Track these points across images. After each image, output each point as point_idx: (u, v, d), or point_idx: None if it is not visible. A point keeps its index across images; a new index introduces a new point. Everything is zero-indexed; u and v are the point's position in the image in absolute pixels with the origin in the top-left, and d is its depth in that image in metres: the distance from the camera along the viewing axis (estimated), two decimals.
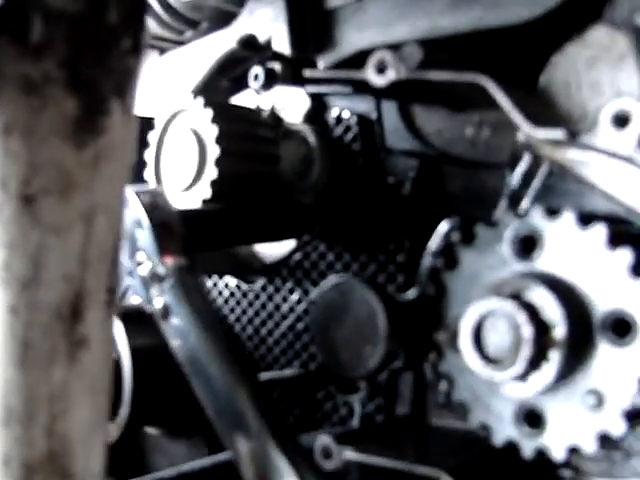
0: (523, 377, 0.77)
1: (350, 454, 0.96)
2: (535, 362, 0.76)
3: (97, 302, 0.69)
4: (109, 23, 0.66)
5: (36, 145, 0.63)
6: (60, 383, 0.67)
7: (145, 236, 1.01)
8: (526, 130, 0.83)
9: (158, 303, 1.01)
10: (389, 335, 0.85)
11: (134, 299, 1.21)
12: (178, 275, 1.01)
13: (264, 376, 1.18)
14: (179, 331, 1.01)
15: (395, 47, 1.00)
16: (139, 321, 1.19)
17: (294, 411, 1.22)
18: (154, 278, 1.00)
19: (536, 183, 0.92)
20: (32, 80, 0.62)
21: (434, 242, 0.89)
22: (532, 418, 0.81)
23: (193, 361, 1.01)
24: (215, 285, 1.34)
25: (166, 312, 1.01)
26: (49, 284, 0.65)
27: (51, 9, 0.62)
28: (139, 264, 1.01)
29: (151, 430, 1.40)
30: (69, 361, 0.67)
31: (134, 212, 1.01)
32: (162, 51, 1.39)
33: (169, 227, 1.03)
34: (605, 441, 0.77)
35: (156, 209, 1.03)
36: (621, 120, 0.79)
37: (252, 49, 1.23)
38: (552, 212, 0.81)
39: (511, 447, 0.83)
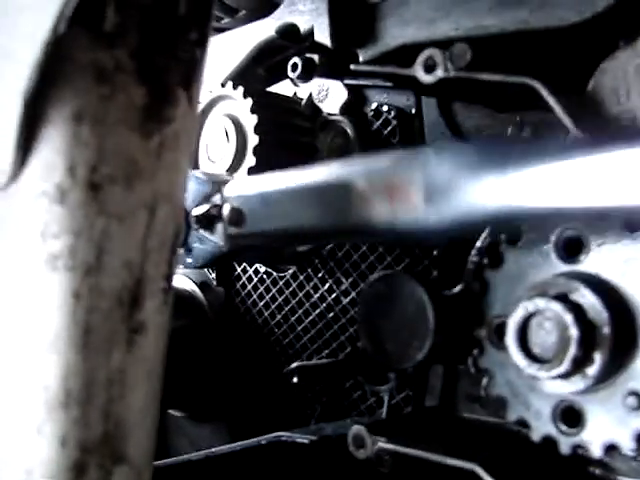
0: (567, 376, 0.79)
1: (383, 444, 0.97)
2: (580, 362, 0.77)
3: (155, 289, 0.70)
4: (179, 14, 0.67)
5: (105, 133, 0.64)
6: (118, 368, 0.68)
7: (191, 189, 1.02)
8: (576, 134, 0.84)
9: (226, 211, 1.00)
10: (436, 329, 0.86)
11: None
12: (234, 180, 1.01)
13: (292, 364, 1.20)
14: (258, 214, 0.98)
15: (438, 44, 1.01)
16: None
17: (322, 399, 1.24)
18: (213, 210, 1.00)
19: None
20: (104, 68, 0.63)
21: (480, 240, 0.90)
22: (571, 416, 0.83)
23: (283, 214, 0.96)
24: (245, 271, 1.35)
25: (238, 215, 0.99)
26: (111, 271, 0.66)
27: None
28: (194, 217, 1.01)
29: (175, 412, 1.42)
30: (127, 346, 0.68)
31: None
32: None
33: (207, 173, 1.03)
34: None
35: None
36: None
37: (292, 39, 1.23)
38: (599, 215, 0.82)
39: (549, 443, 0.84)
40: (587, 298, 0.78)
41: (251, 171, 1.11)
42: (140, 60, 0.65)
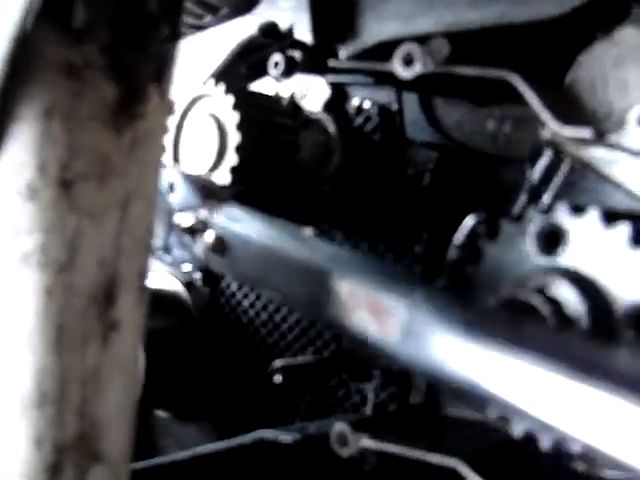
0: None
1: (366, 442, 0.97)
2: None
3: (130, 287, 0.69)
4: (149, 10, 0.66)
5: (75, 129, 0.64)
6: (92, 366, 0.67)
7: (180, 192, 1.00)
8: (553, 128, 0.84)
9: (208, 239, 0.97)
10: None
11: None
12: (227, 206, 0.98)
13: (277, 363, 1.19)
14: (239, 251, 0.95)
15: (418, 40, 1.01)
16: (151, 304, 1.21)
17: (307, 397, 1.23)
18: (198, 225, 0.98)
19: (557, 179, 0.93)
20: (73, 65, 0.63)
21: (458, 235, 0.90)
22: None
23: (263, 265, 0.94)
24: None
25: (221, 244, 0.96)
26: (84, 268, 0.66)
27: None
28: (178, 224, 0.99)
29: (160, 413, 1.42)
30: (101, 345, 0.68)
31: (163, 181, 1.00)
32: (182, 36, 1.39)
33: (201, 178, 1.02)
34: None
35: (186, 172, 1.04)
36: None
37: (273, 36, 1.23)
38: (577, 209, 0.82)
39: (529, 438, 0.84)
40: (565, 292, 0.78)
41: (234, 170, 1.10)
42: (110, 56, 0.64)
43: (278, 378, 1.14)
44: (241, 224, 0.95)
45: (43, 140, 0.63)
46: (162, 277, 1.39)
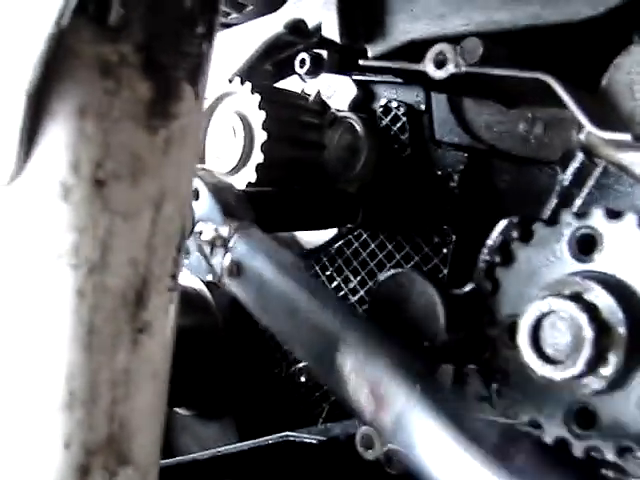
0: (581, 377, 0.77)
1: (392, 445, 0.96)
2: (594, 363, 0.76)
3: (161, 288, 0.69)
4: (185, 8, 0.65)
5: (109, 128, 0.63)
6: (122, 368, 0.67)
7: (204, 203, 1.00)
8: (590, 130, 0.83)
9: (225, 262, 0.98)
10: (446, 328, 0.85)
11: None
12: (246, 229, 0.98)
13: (301, 363, 1.18)
14: (253, 282, 0.96)
15: (449, 40, 1.00)
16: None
17: (330, 398, 1.23)
18: (218, 241, 0.98)
19: (591, 182, 0.91)
20: (108, 62, 0.62)
21: (491, 238, 0.89)
22: (585, 417, 0.81)
23: (273, 304, 0.95)
24: None
25: (236, 269, 0.97)
26: (116, 269, 0.65)
27: None
28: (199, 233, 0.99)
29: (181, 411, 1.41)
30: (132, 346, 0.67)
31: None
32: None
33: (227, 191, 1.02)
34: None
35: (209, 178, 1.03)
36: None
37: (299, 34, 1.22)
38: (613, 214, 0.81)
39: (562, 445, 0.83)
40: (601, 298, 0.77)
41: (259, 168, 1.10)
42: (145, 54, 0.63)
43: (301, 378, 1.13)
44: (258, 257, 0.96)
45: (77, 139, 0.62)
46: (184, 276, 1.38)
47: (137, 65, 0.63)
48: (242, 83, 1.13)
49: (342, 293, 1.21)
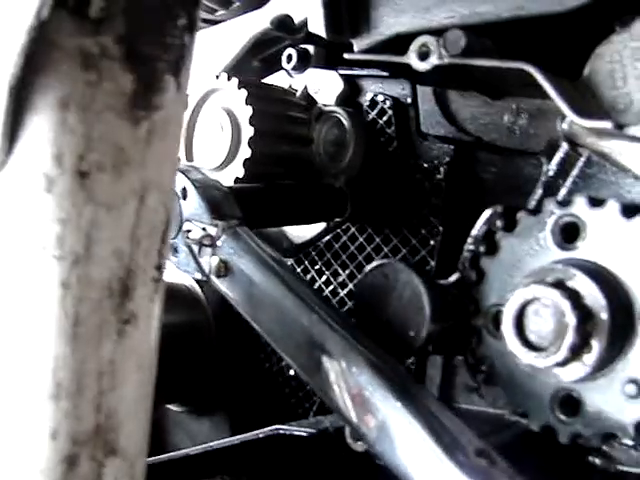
0: (564, 364, 0.78)
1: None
2: (578, 349, 0.76)
3: (146, 279, 0.69)
4: (166, 0, 0.66)
5: (91, 120, 0.63)
6: (108, 359, 0.67)
7: (192, 202, 1.00)
8: (572, 119, 0.83)
9: (213, 262, 0.99)
10: (432, 318, 0.86)
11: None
12: (234, 229, 0.99)
13: None
14: (241, 282, 0.97)
15: (434, 32, 1.00)
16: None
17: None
18: (206, 240, 0.98)
19: (575, 172, 0.92)
20: (90, 54, 0.62)
21: (476, 228, 0.89)
22: (570, 404, 0.82)
23: (260, 305, 0.96)
24: None
25: (223, 269, 0.98)
26: (101, 260, 0.65)
27: None
28: (187, 232, 0.99)
29: (173, 407, 1.41)
30: (118, 337, 0.67)
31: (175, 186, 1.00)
32: None
33: (214, 190, 1.02)
34: None
35: (197, 176, 1.03)
36: None
37: (286, 30, 1.22)
38: (596, 202, 0.82)
39: (548, 432, 0.84)
40: (584, 285, 0.77)
41: (247, 163, 1.10)
42: (127, 46, 0.64)
43: (291, 372, 1.14)
44: (246, 257, 0.96)
45: (59, 131, 0.63)
46: (175, 272, 1.39)
47: (118, 57, 0.63)
48: (229, 79, 1.14)
49: (331, 287, 1.22)
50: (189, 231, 1.00)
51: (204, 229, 0.98)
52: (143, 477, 0.73)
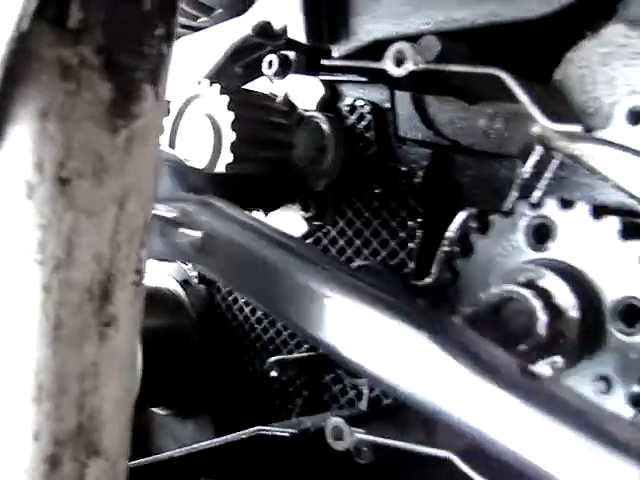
0: (536, 361, 0.80)
1: (361, 435, 0.98)
2: (548, 346, 0.78)
3: (126, 283, 0.71)
4: (144, 10, 0.67)
5: (71, 128, 0.65)
6: (90, 361, 0.69)
7: (165, 182, 0.97)
8: (543, 123, 0.85)
9: (192, 239, 0.91)
10: None
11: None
12: (209, 202, 0.94)
13: (272, 359, 1.20)
14: (224, 252, 0.90)
15: (410, 39, 1.03)
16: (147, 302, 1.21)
17: (303, 394, 1.25)
18: (182, 219, 0.92)
19: (548, 174, 0.94)
20: (69, 64, 0.64)
21: (450, 230, 0.91)
22: None
23: (248, 270, 0.88)
24: None
25: (204, 244, 0.91)
26: (81, 265, 0.67)
27: None
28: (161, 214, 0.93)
29: (158, 410, 1.43)
30: (99, 340, 0.69)
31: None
32: (177, 37, 1.41)
33: (187, 169, 1.02)
34: None
35: (170, 157, 1.03)
36: (635, 116, 0.81)
37: (266, 36, 1.24)
38: (566, 203, 0.84)
39: None
40: (555, 284, 0.79)
41: (228, 168, 1.12)
42: (105, 56, 0.65)
43: (273, 373, 1.15)
44: (226, 227, 0.91)
45: (39, 139, 0.64)
46: (158, 275, 1.40)
47: (97, 67, 0.65)
48: (211, 85, 1.16)
49: None
50: (162, 213, 0.94)
51: (178, 207, 0.94)
52: (125, 477, 0.74)
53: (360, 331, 0.74)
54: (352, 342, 0.75)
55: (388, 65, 0.98)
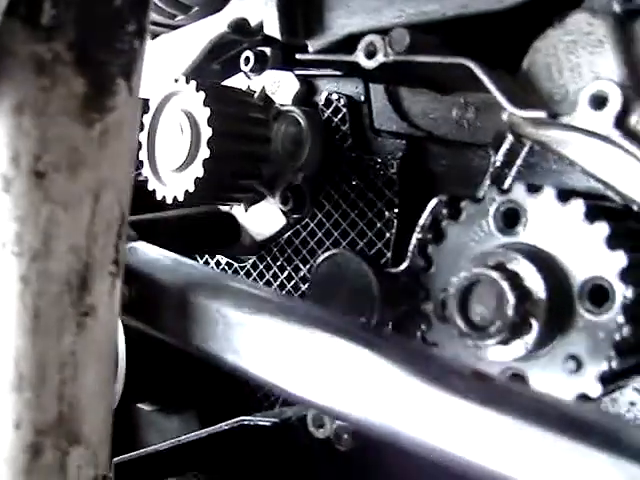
0: (507, 342, 0.82)
1: (341, 423, 1.00)
2: (518, 328, 0.80)
3: (104, 273, 0.72)
4: (115, 6, 0.69)
5: (46, 123, 0.67)
6: (69, 350, 0.70)
7: None
8: (510, 110, 0.87)
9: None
10: (382, 305, 0.89)
11: None
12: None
13: None
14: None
15: (384, 32, 1.04)
16: None
17: None
18: None
19: (519, 161, 0.96)
20: (43, 60, 0.66)
21: (423, 217, 0.93)
22: (517, 382, 0.86)
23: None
24: (207, 263, 1.37)
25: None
26: (58, 256, 0.68)
27: None
28: None
29: (144, 406, 1.44)
30: (78, 329, 0.71)
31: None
32: (154, 35, 1.42)
33: None
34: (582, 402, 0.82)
35: None
36: (599, 102, 0.83)
37: (243, 33, 1.26)
38: (534, 188, 0.86)
39: None
40: (523, 267, 0.81)
41: (205, 163, 1.13)
42: (78, 51, 0.67)
43: None
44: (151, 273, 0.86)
45: (15, 134, 0.66)
46: None
47: (71, 62, 0.67)
48: (187, 82, 1.17)
49: (293, 282, 1.25)
50: None
51: None
52: (107, 465, 0.76)
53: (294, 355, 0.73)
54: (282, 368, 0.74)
55: (360, 58, 1.00)
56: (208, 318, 0.79)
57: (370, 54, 0.99)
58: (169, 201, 1.17)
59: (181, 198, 1.15)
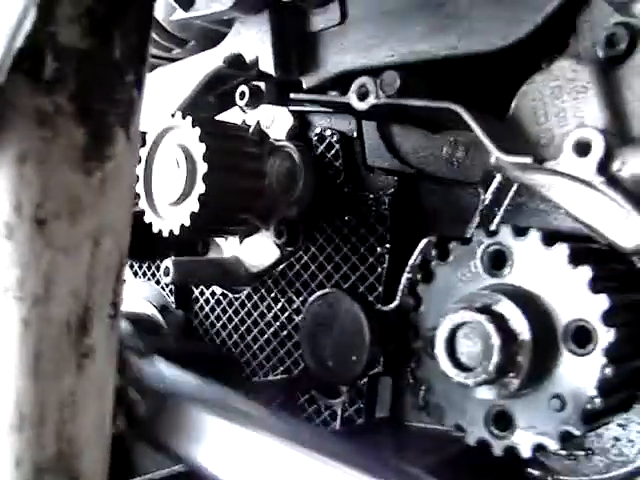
0: (493, 382, 0.84)
1: None
2: (503, 368, 0.83)
3: (102, 316, 0.74)
4: (114, 59, 0.71)
5: (48, 172, 0.69)
6: (69, 391, 0.72)
7: None
8: (497, 155, 0.90)
9: None
10: (372, 343, 0.92)
11: None
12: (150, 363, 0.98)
13: (250, 382, 1.24)
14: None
15: (375, 70, 1.07)
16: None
17: None
18: None
19: (507, 201, 0.99)
20: (45, 112, 0.68)
21: (413, 257, 0.96)
22: (502, 419, 0.88)
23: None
24: (202, 294, 1.40)
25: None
26: (59, 300, 0.70)
27: (63, 46, 0.67)
28: None
29: None
30: (77, 370, 0.73)
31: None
32: (151, 68, 1.45)
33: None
34: (567, 439, 0.85)
35: None
36: (582, 148, 0.85)
37: (238, 68, 1.28)
38: (520, 231, 0.88)
39: (484, 446, 0.90)
40: (508, 309, 0.84)
41: (201, 198, 1.15)
42: (79, 103, 0.69)
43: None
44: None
45: (18, 183, 0.68)
46: (137, 301, 1.44)
47: (71, 113, 0.69)
48: (184, 117, 1.19)
49: (286, 313, 1.28)
50: None
51: None
52: None
53: None
54: None
55: (352, 99, 1.03)
56: None
57: (362, 96, 1.02)
58: (165, 234, 1.19)
59: (177, 232, 1.17)
